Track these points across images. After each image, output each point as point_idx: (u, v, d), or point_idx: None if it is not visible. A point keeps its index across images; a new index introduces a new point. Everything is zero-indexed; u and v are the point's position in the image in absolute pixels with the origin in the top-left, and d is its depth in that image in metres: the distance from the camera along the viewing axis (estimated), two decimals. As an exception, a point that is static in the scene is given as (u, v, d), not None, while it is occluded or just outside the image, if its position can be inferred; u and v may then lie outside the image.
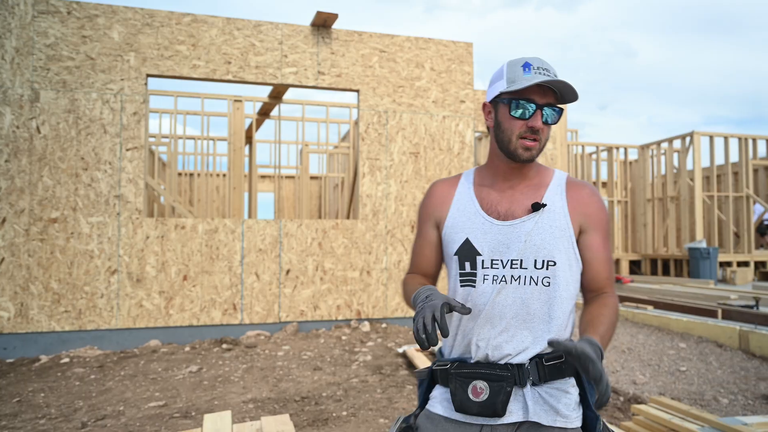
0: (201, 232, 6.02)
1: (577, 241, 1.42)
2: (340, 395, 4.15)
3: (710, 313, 6.59)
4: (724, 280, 11.20)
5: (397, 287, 6.74)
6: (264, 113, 9.54)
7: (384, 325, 6.50)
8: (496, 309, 1.36)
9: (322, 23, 6.53)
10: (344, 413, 3.77)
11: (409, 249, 6.76)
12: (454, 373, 1.36)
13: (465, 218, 1.43)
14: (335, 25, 6.67)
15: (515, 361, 1.35)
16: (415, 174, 6.90)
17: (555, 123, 1.37)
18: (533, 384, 1.33)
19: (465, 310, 1.25)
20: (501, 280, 1.36)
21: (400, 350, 5.40)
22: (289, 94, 11.43)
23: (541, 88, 1.34)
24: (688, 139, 11.98)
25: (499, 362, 1.35)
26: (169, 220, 5.97)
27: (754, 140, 12.24)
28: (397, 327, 6.54)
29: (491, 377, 1.32)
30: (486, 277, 1.37)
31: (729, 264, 11.70)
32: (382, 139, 6.80)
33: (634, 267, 13.60)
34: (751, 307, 6.98)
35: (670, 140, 12.50)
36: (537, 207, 1.37)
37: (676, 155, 12.87)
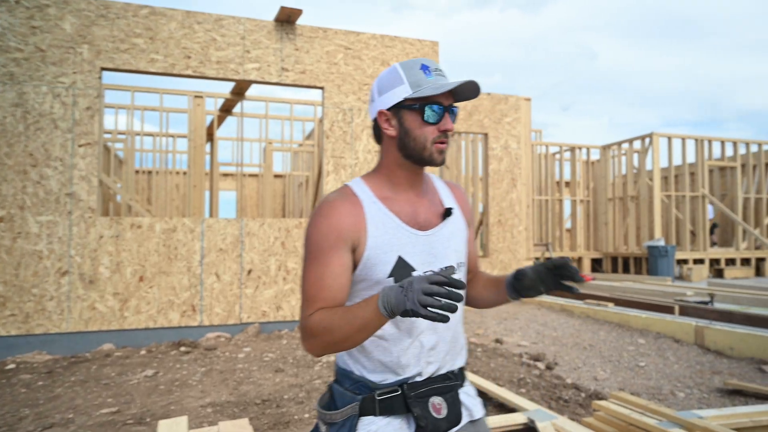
0: (159, 232, 5.83)
1: None
2: (302, 397, 4.06)
3: (668, 310, 6.73)
4: (680, 277, 11.50)
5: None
6: (226, 110, 9.35)
7: None
8: (437, 323, 1.33)
9: (286, 19, 6.42)
10: (306, 416, 3.68)
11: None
12: (413, 397, 1.28)
13: (389, 235, 1.30)
14: (299, 21, 6.57)
15: (456, 367, 1.38)
16: (380, 172, 6.85)
17: (455, 122, 1.38)
18: (460, 386, 1.40)
19: (449, 270, 1.13)
20: None
21: None
22: (252, 91, 11.25)
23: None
24: (647, 140, 12.25)
25: (447, 373, 1.36)
26: (124, 219, 5.76)
27: (710, 142, 12.61)
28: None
29: (443, 390, 1.32)
30: None
31: (685, 261, 12.02)
32: (347, 137, 6.73)
33: (596, 265, 13.85)
34: (706, 303, 7.16)
35: (631, 141, 12.76)
36: (449, 213, 1.39)
37: (636, 156, 13.16)
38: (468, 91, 1.32)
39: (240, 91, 8.13)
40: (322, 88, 6.67)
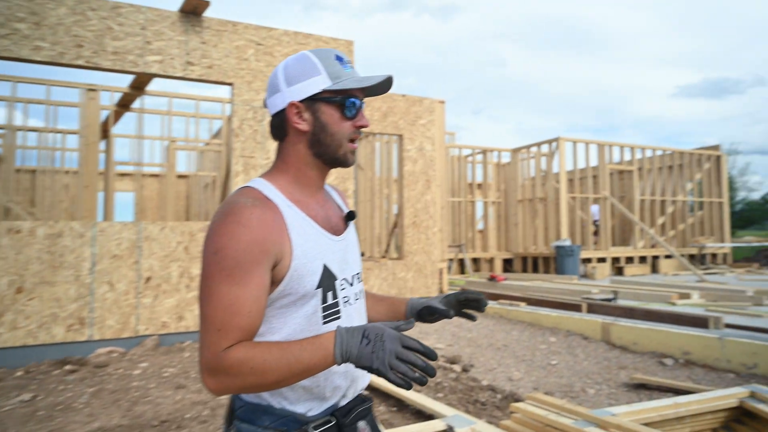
0: (41, 237, 5.23)
1: None
2: (206, 416, 3.75)
3: (576, 308, 6.92)
4: (585, 275, 12.01)
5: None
6: (124, 105, 8.70)
7: None
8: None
9: (192, 10, 6.03)
10: (208, 436, 3.37)
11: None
12: (348, 425, 1.19)
13: (312, 243, 1.17)
14: (207, 14, 6.19)
15: (365, 386, 1.29)
16: (291, 173, 6.57)
17: None
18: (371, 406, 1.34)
19: (409, 325, 1.09)
20: (355, 299, 1.26)
21: None
22: (154, 85, 10.61)
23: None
24: (554, 144, 12.73)
25: (360, 394, 1.27)
26: (1, 223, 5.13)
27: (611, 147, 13.31)
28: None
29: (363, 413, 1.24)
30: (345, 300, 1.23)
31: (589, 260, 12.58)
32: (258, 136, 6.41)
33: (507, 265, 14.22)
34: (610, 300, 7.46)
35: (539, 145, 13.22)
36: (352, 216, 1.31)
37: (543, 159, 13.65)
38: (382, 86, 1.23)
39: (140, 85, 7.57)
40: (231, 84, 6.32)
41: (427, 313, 1.24)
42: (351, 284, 1.25)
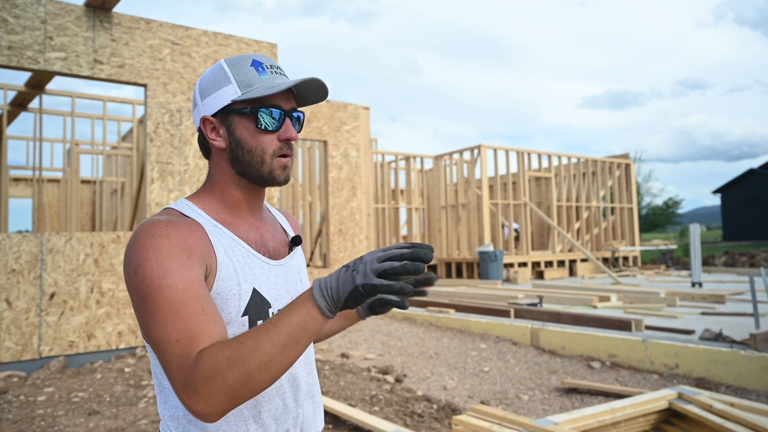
0: None
1: None
2: None
3: (504, 313, 6.99)
4: (508, 280, 12.28)
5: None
6: (20, 104, 7.95)
7: None
8: (300, 371, 1.11)
9: (100, 5, 5.60)
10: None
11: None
12: None
13: (241, 264, 1.03)
14: (117, 9, 5.74)
15: (320, 430, 1.16)
16: (213, 179, 6.21)
17: (300, 131, 1.13)
18: None
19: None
20: None
21: None
22: (55, 84, 9.82)
23: (283, 91, 1.07)
24: (476, 151, 12.96)
25: None
26: None
27: (529, 154, 13.74)
28: (194, 352, 5.77)
29: None
30: None
31: (511, 265, 12.88)
32: (176, 141, 6.02)
33: (431, 270, 14.31)
34: (535, 305, 7.60)
35: (461, 152, 13.42)
36: (298, 241, 1.19)
37: (466, 166, 13.87)
38: (312, 91, 1.10)
39: (38, 83, 6.93)
40: (144, 85, 5.91)
41: (379, 305, 1.04)
42: None
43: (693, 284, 9.93)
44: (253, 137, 1.05)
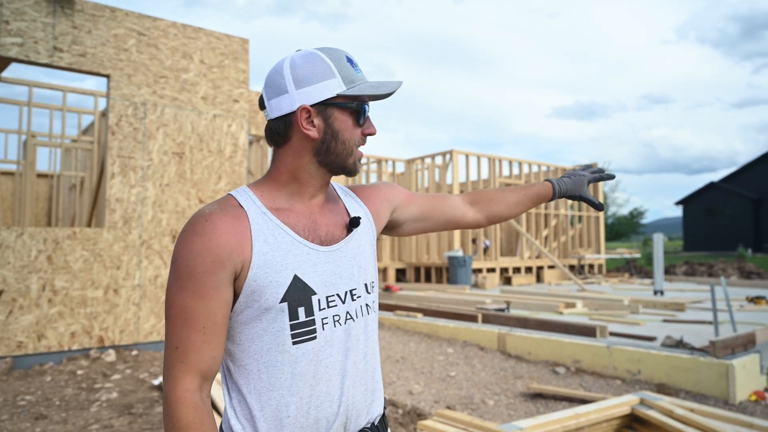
0: None
1: (398, 220, 1.36)
2: None
3: (472, 318, 6.97)
4: (476, 285, 12.32)
5: (153, 307, 5.76)
6: (-24, 94, 7.62)
7: (135, 353, 5.51)
8: (350, 359, 1.11)
9: (61, -10, 5.36)
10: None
11: (169, 262, 5.85)
12: None
13: (283, 251, 1.06)
14: (80, -4, 5.55)
15: (375, 417, 1.16)
16: (179, 177, 6.06)
17: None
18: None
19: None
20: (346, 319, 1.11)
21: (156, 382, 4.60)
22: (12, 72, 9.47)
23: None
24: (448, 156, 12.99)
25: (364, 427, 1.13)
26: None
27: (500, 160, 13.84)
28: (152, 353, 5.61)
29: None
30: (326, 320, 1.08)
31: (480, 270, 12.93)
32: (139, 135, 5.83)
33: (400, 275, 14.28)
34: (503, 310, 7.60)
35: (433, 156, 13.44)
36: (356, 223, 1.17)
37: (437, 170, 13.89)
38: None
39: (-4, 71, 6.64)
40: (107, 76, 5.72)
41: (578, 200, 1.38)
42: (344, 301, 1.11)
43: (655, 292, 10.12)
44: (350, 130, 1.11)
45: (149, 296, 5.76)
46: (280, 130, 1.11)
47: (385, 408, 1.22)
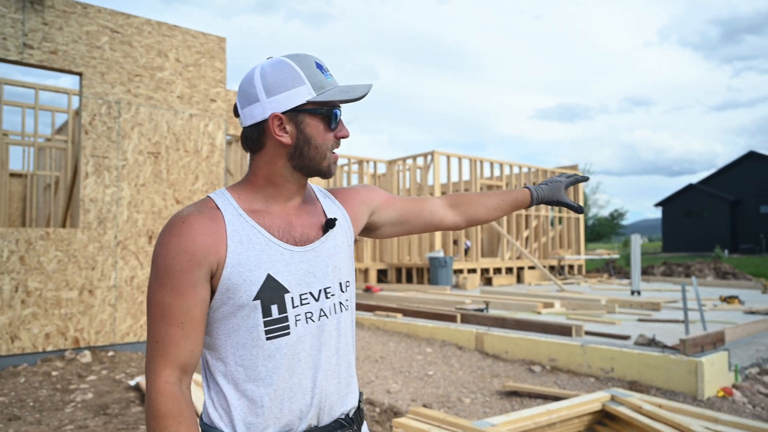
0: None
1: (376, 222, 1.39)
2: None
3: (451, 318, 7.01)
4: (457, 286, 12.38)
5: (129, 307, 5.71)
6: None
7: (111, 354, 5.47)
8: (323, 354, 1.16)
9: (31, -15, 5.29)
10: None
11: (146, 262, 5.81)
12: None
13: (257, 251, 1.11)
14: (53, -8, 5.47)
15: (348, 409, 1.21)
16: (155, 177, 6.01)
17: None
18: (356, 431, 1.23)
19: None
20: (319, 316, 1.16)
21: (133, 382, 4.57)
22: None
23: None
24: (429, 157, 13.05)
25: (338, 418, 1.18)
26: None
27: (481, 162, 13.92)
28: (129, 354, 5.56)
29: None
30: (299, 317, 1.13)
31: (461, 271, 13.00)
32: (113, 134, 5.78)
33: (382, 276, 14.30)
34: (482, 310, 7.66)
35: (414, 157, 13.48)
36: (332, 224, 1.22)
37: (419, 171, 13.94)
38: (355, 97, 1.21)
39: (-30, 70, 6.55)
40: (80, 74, 5.66)
41: (556, 205, 1.41)
42: (317, 299, 1.16)
43: (632, 292, 10.26)
44: (321, 135, 1.14)
45: (125, 297, 5.70)
46: (254, 137, 1.14)
47: (360, 402, 1.25)
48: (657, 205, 43.53)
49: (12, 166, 10.33)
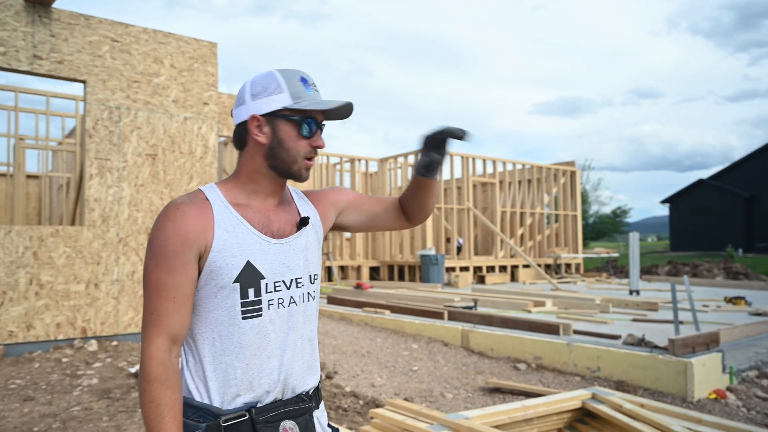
0: None
1: (344, 222, 1.53)
2: (56, 428, 3.59)
3: (438, 315, 7.18)
4: (449, 284, 12.53)
5: (131, 300, 5.99)
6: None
7: (115, 343, 5.81)
8: (290, 336, 1.31)
9: (40, 0, 5.55)
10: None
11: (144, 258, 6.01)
12: (263, 422, 1.24)
13: (239, 239, 1.27)
14: (57, 5, 5.82)
15: (309, 387, 1.35)
16: (153, 177, 6.25)
17: None
18: (315, 408, 1.37)
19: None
20: (289, 303, 1.32)
21: (134, 370, 4.88)
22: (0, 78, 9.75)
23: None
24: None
25: (300, 394, 1.33)
26: None
27: (474, 159, 14.05)
28: (131, 344, 5.90)
29: (296, 413, 1.29)
30: (271, 302, 1.29)
31: (453, 269, 13.15)
32: (114, 137, 6.03)
33: (374, 273, 14.46)
34: (470, 308, 7.82)
35: (406, 155, 13.63)
36: (305, 222, 1.37)
37: (410, 169, 14.07)
38: (341, 112, 1.35)
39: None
40: (84, 81, 5.95)
41: (437, 156, 1.39)
42: (288, 287, 1.31)
43: (631, 292, 10.22)
44: (293, 140, 1.28)
45: (127, 291, 6.04)
46: (240, 135, 1.32)
47: (320, 383, 1.42)
48: (663, 201, 41.05)
49: (28, 168, 10.94)
